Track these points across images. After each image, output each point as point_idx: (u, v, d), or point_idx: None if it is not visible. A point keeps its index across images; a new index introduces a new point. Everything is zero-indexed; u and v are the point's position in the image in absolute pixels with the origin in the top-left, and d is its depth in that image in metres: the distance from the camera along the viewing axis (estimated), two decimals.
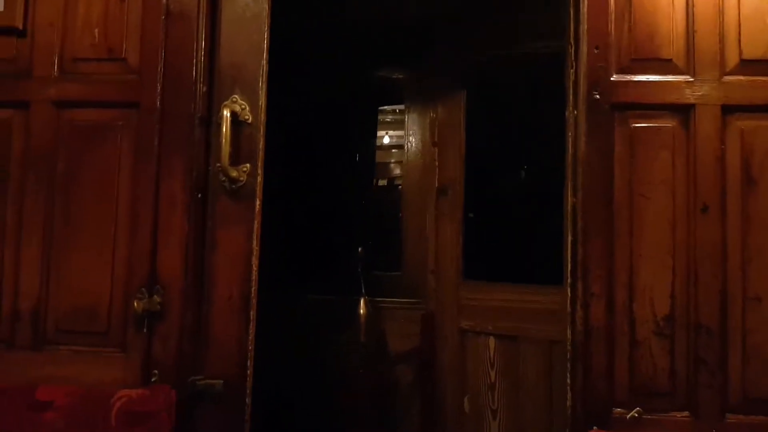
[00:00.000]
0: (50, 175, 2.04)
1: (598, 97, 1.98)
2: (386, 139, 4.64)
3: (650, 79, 1.98)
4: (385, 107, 4.40)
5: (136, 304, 1.95)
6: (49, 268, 2.02)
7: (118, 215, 2.02)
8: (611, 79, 1.98)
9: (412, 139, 3.66)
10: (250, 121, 2.04)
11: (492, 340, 3.18)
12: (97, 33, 2.07)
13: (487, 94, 3.49)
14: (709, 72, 1.96)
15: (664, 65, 1.98)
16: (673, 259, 1.94)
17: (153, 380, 1.95)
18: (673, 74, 1.98)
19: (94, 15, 2.08)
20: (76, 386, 1.93)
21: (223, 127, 1.98)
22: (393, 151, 4.57)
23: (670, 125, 1.97)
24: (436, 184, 3.46)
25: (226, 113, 1.99)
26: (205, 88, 2.05)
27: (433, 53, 3.51)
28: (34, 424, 1.86)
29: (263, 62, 2.05)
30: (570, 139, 2.03)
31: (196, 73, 2.03)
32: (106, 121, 2.05)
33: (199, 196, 2.02)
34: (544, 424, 2.97)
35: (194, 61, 2.03)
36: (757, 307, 1.91)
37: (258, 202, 2.02)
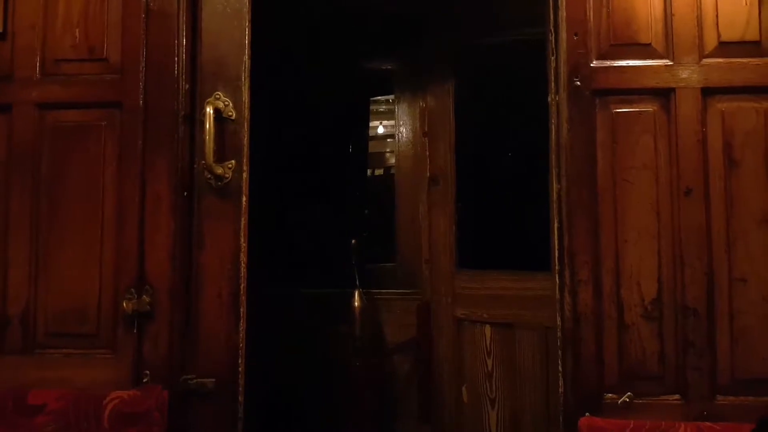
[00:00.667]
0: (35, 177, 2.03)
1: (579, 83, 1.98)
2: (380, 129, 4.63)
3: (630, 64, 1.98)
4: (378, 98, 4.38)
5: (125, 305, 1.95)
6: (37, 272, 2.02)
7: (105, 216, 2.02)
8: (591, 65, 1.99)
9: (403, 130, 3.64)
10: (233, 118, 2.03)
11: (488, 328, 3.18)
12: (77, 33, 2.06)
13: (477, 83, 3.47)
14: (688, 55, 1.97)
15: (644, 50, 1.99)
16: (659, 243, 1.95)
17: (145, 381, 1.95)
18: (653, 58, 1.98)
19: (74, 15, 2.07)
20: (68, 389, 1.93)
21: (207, 124, 1.97)
22: (388, 140, 4.55)
23: (651, 109, 1.98)
24: (428, 174, 3.44)
25: (210, 110, 1.98)
26: (187, 85, 2.04)
27: (421, 43, 3.50)
28: (27, 429, 1.87)
29: (245, 58, 2.04)
30: (553, 126, 2.04)
31: (178, 71, 2.03)
32: (90, 121, 2.05)
33: (185, 194, 2.02)
34: (542, 411, 2.97)
35: (176, 59, 2.03)
36: (743, 288, 1.92)
37: (245, 198, 2.02)
